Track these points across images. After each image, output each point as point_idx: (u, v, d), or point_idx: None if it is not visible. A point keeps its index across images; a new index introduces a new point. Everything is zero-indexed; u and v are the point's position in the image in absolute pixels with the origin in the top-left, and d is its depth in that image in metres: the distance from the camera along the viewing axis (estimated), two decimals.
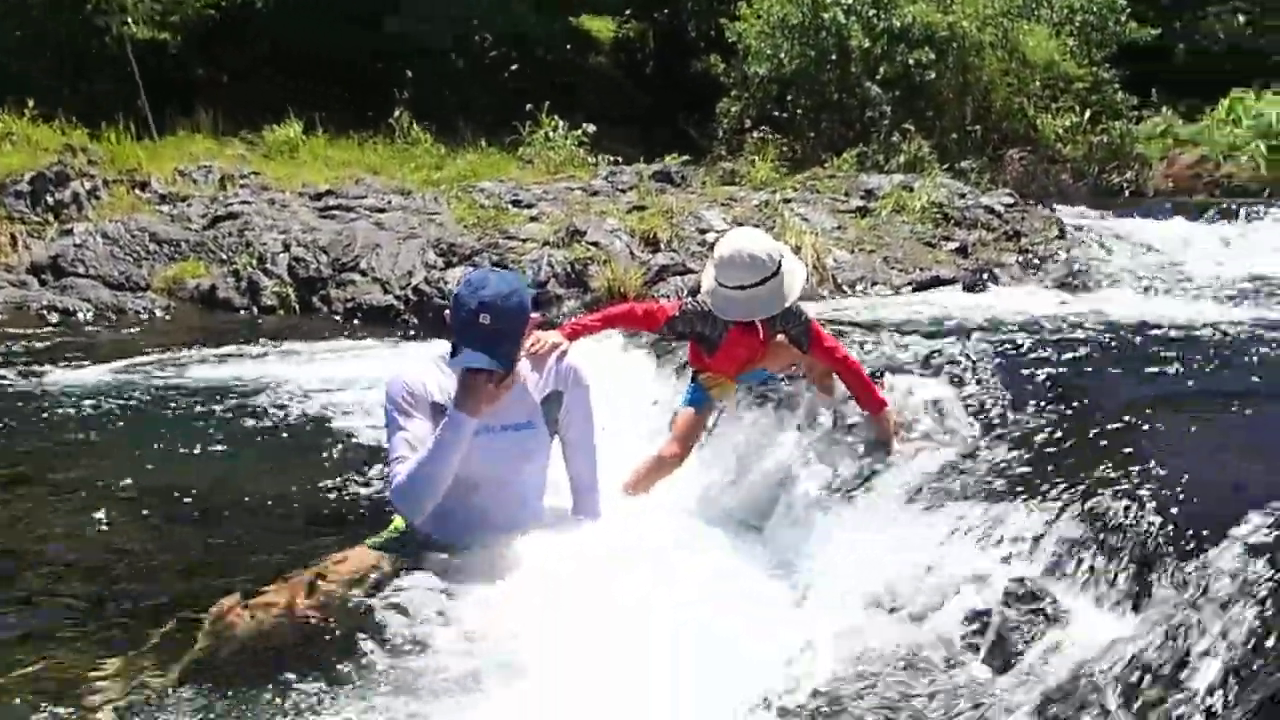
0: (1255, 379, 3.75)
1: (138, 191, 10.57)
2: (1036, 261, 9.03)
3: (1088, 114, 16.80)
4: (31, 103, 12.33)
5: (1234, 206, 11.91)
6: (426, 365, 3.19)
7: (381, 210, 9.83)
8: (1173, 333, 4.76)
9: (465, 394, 2.96)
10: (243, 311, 8.42)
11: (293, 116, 14.04)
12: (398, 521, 3.37)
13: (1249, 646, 2.11)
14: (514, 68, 18.16)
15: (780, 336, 3.56)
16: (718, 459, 3.84)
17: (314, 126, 14.25)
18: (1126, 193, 16.70)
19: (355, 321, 8.10)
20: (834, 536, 3.11)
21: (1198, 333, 4.77)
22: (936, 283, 7.96)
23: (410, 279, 8.26)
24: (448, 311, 3.09)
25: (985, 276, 8.10)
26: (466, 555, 3.15)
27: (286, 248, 8.91)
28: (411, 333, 7.68)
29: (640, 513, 3.45)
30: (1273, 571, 2.17)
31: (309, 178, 11.80)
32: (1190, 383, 3.76)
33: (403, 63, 16.35)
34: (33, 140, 11.76)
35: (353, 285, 8.41)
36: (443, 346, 3.27)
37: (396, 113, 14.52)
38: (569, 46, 19.50)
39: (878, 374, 3.73)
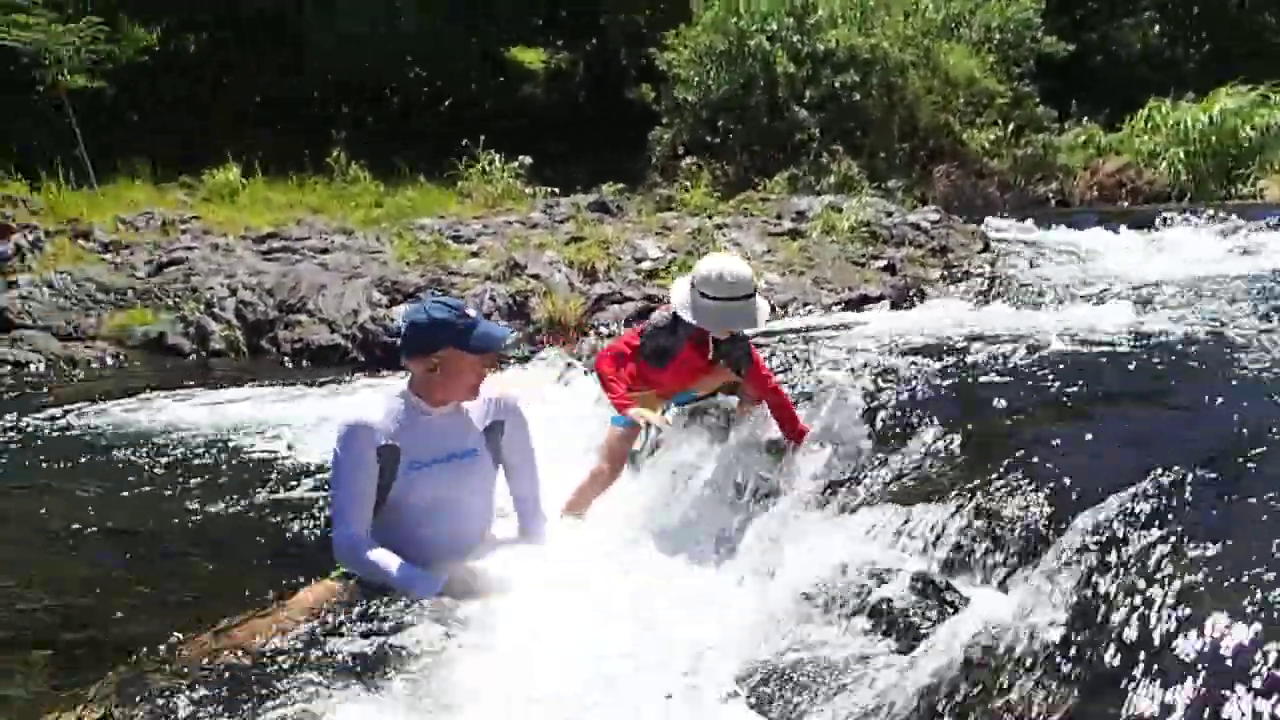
0: (1143, 384, 4.07)
1: (80, 241, 10.63)
2: (961, 275, 9.43)
3: (1011, 128, 17.41)
4: None
5: (1152, 214, 12.42)
6: (375, 407, 3.42)
7: (325, 250, 10.00)
8: (1080, 341, 5.07)
9: (457, 585, 3.20)
10: (192, 356, 8.53)
11: (231, 160, 14.14)
12: None
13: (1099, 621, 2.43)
14: (449, 102, 18.41)
15: (722, 361, 3.87)
16: (655, 476, 4.12)
17: (252, 169, 14.36)
18: (1053, 202, 17.29)
19: (304, 362, 8.25)
20: (763, 541, 3.40)
21: (1102, 341, 5.09)
22: (865, 301, 8.30)
23: (356, 318, 8.43)
24: (411, 348, 3.36)
25: (911, 293, 8.48)
26: None
27: (233, 291, 9.04)
28: (359, 372, 7.81)
29: (581, 532, 3.70)
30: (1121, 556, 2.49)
31: (250, 220, 11.92)
32: (1084, 388, 4.07)
33: (338, 101, 16.57)
34: None
35: (300, 326, 8.56)
36: (397, 387, 3.52)
37: (334, 152, 14.69)
38: (501, 79, 19.79)
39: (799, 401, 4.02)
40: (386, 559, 3.27)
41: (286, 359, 8.39)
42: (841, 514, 3.29)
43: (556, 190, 13.28)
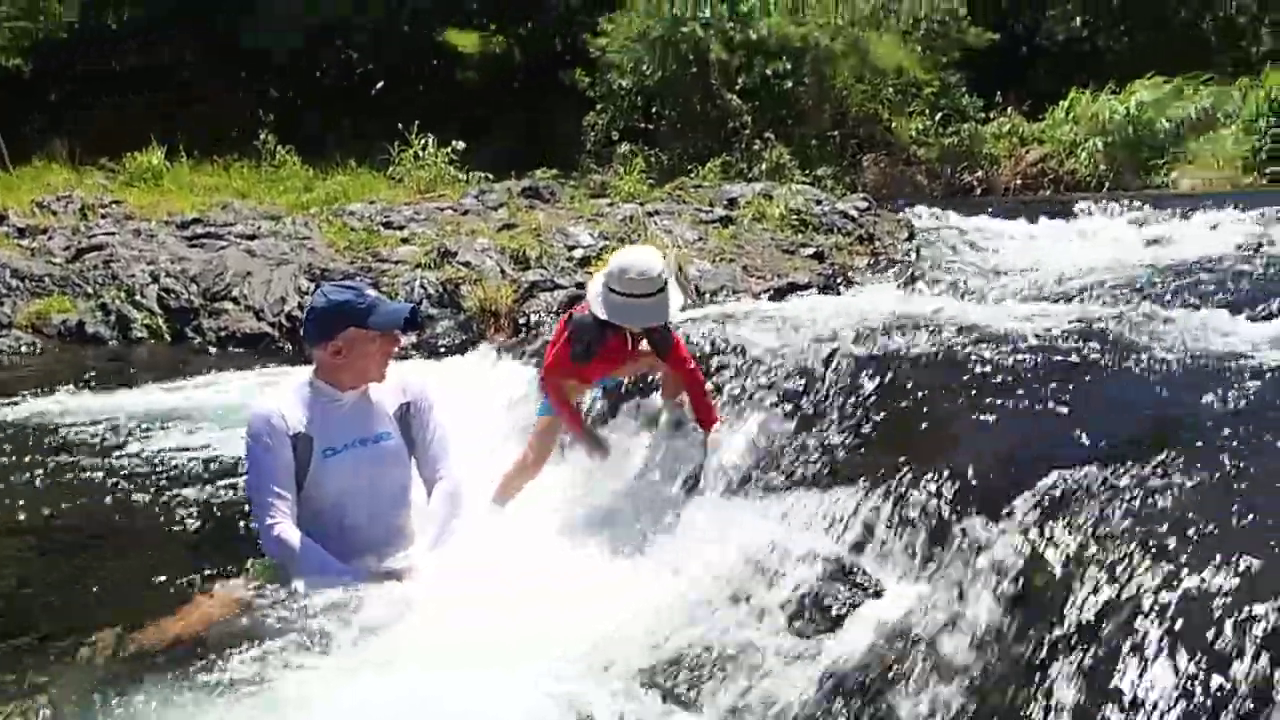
0: (1059, 372, 4.16)
1: None
2: (887, 263, 9.59)
3: (938, 117, 17.71)
4: None
5: (1072, 203, 12.69)
6: (285, 395, 3.43)
7: (252, 237, 9.84)
8: (999, 329, 5.18)
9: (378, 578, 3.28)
10: (113, 344, 8.35)
11: (155, 143, 13.84)
12: None
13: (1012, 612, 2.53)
14: (380, 85, 18.19)
15: (644, 344, 3.90)
16: (580, 462, 4.15)
17: (176, 152, 14.07)
18: (978, 190, 17.61)
19: (229, 350, 8.14)
20: (680, 527, 3.47)
21: (1020, 328, 5.20)
22: (793, 288, 8.41)
23: (284, 305, 8.34)
24: (315, 334, 3.39)
25: (838, 280, 8.62)
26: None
27: (155, 278, 8.87)
28: (286, 360, 7.71)
29: (503, 520, 3.75)
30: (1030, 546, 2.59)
31: (174, 205, 11.69)
32: (1002, 376, 4.16)
33: (265, 82, 16.27)
34: None
35: (225, 314, 8.44)
36: (304, 374, 3.51)
37: (261, 135, 14.44)
38: (435, 62, 19.57)
39: (716, 391, 4.08)
40: (314, 552, 3.30)
41: (211, 347, 8.26)
42: (757, 499, 3.36)
43: (490, 176, 13.21)
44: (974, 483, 3.02)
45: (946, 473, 3.09)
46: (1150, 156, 16.78)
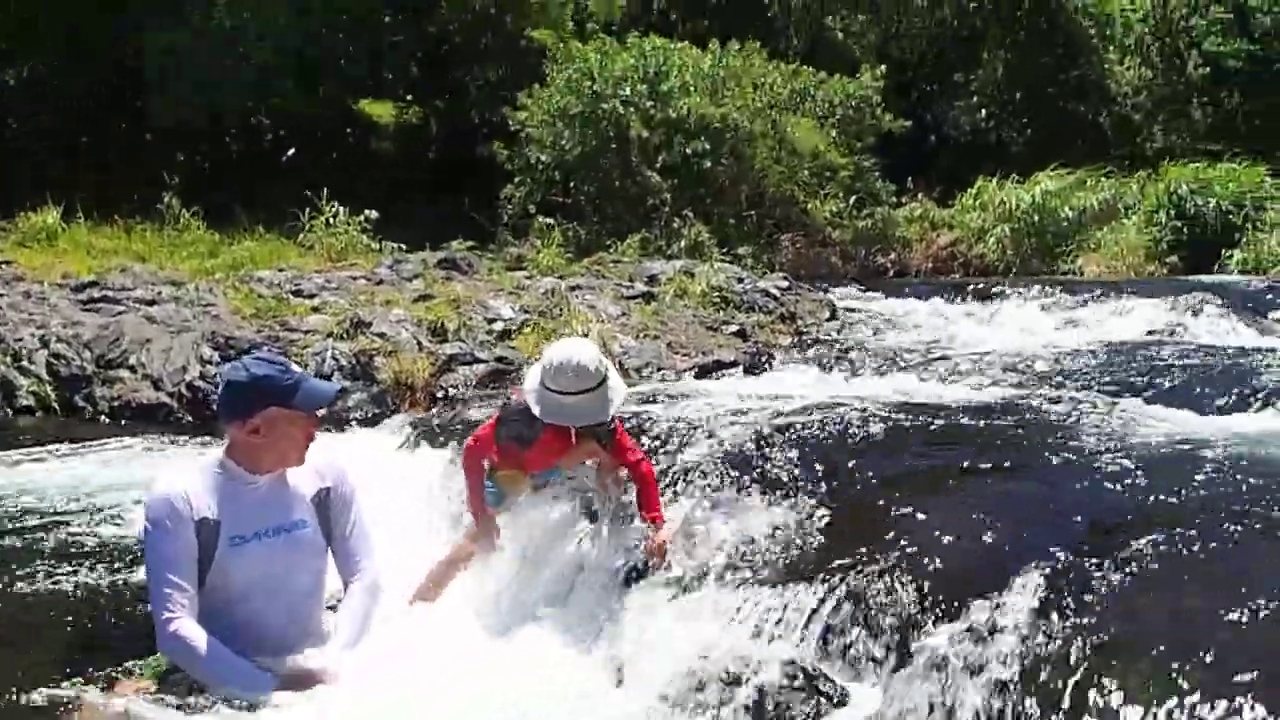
0: (996, 454, 4.09)
1: None
2: (810, 342, 9.55)
3: (853, 199, 18.06)
4: None
5: (985, 287, 12.98)
6: (191, 476, 3.10)
7: (151, 302, 9.36)
8: (930, 410, 5.12)
9: (291, 685, 2.97)
10: None
11: (51, 202, 13.22)
12: None
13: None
14: (292, 152, 17.83)
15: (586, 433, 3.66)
16: (514, 554, 3.86)
17: (74, 212, 13.45)
18: (891, 272, 17.94)
19: (123, 421, 7.63)
20: (626, 624, 3.21)
21: (951, 410, 5.15)
22: (718, 366, 8.28)
23: (184, 375, 7.88)
24: (232, 411, 3.08)
25: (763, 359, 8.52)
26: None
27: (45, 344, 8.34)
28: (185, 433, 7.26)
29: (426, 621, 3.45)
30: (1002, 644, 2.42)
31: (70, 267, 11.13)
32: (940, 460, 4.07)
33: (173, 145, 15.80)
34: None
35: (120, 383, 7.94)
36: (213, 454, 3.19)
37: (165, 198, 13.94)
38: (350, 131, 19.32)
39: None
40: (217, 652, 2.95)
41: (104, 418, 7.75)
42: (706, 595, 3.13)
43: (404, 246, 12.89)
44: (930, 579, 2.86)
45: (902, 568, 2.93)
46: (1056, 243, 17.28)
